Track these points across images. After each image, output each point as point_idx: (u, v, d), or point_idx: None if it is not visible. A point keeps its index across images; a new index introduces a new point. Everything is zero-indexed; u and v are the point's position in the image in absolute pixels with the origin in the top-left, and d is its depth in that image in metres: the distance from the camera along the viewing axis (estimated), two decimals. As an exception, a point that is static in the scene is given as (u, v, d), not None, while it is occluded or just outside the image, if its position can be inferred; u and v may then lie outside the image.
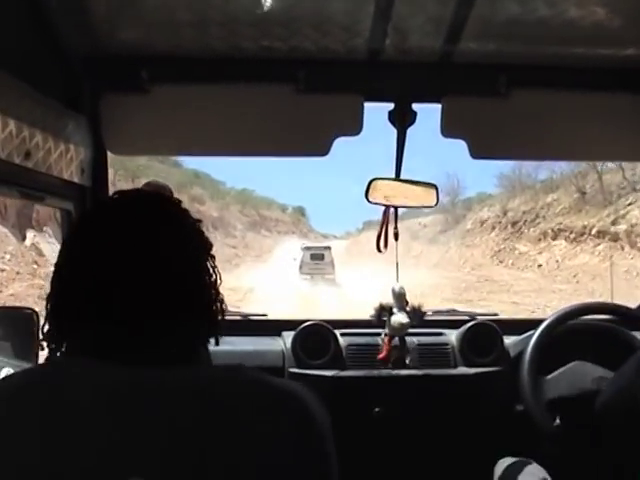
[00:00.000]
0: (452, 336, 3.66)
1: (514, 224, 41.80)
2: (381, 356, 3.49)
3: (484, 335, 3.60)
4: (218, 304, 1.58)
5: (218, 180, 63.53)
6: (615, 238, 31.60)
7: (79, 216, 1.61)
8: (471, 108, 3.46)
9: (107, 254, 1.47)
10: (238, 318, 3.84)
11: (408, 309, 3.51)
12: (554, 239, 36.88)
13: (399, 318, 3.46)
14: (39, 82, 2.67)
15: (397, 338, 3.51)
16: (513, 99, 3.41)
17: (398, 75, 3.38)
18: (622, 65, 3.36)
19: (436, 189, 3.48)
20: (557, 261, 34.80)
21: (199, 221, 1.62)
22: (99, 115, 3.31)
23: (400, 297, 3.51)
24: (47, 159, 2.72)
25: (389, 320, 3.48)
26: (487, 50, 3.30)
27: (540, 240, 37.97)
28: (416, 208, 3.63)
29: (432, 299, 27.27)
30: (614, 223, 32.23)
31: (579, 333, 3.29)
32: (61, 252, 1.55)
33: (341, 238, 72.75)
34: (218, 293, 1.59)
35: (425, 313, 3.59)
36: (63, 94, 3.05)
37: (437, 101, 3.43)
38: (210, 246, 1.60)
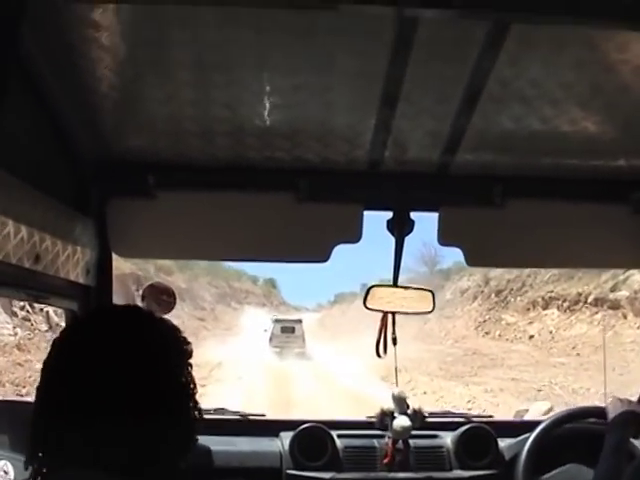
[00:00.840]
0: (447, 438, 3.69)
1: (498, 293, 39.88)
2: (386, 461, 3.52)
3: (479, 438, 3.64)
4: (195, 412, 1.66)
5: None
6: (616, 306, 29.73)
7: (66, 330, 1.70)
8: (467, 218, 3.56)
9: (88, 367, 1.56)
10: (237, 418, 3.88)
11: (409, 412, 3.58)
12: (545, 308, 34.98)
13: (401, 422, 3.52)
14: (49, 187, 2.76)
15: (400, 441, 3.56)
16: (508, 209, 3.51)
17: (397, 185, 3.48)
18: (614, 177, 3.47)
19: (432, 295, 3.58)
20: (550, 332, 33.18)
21: (178, 331, 1.72)
22: (106, 218, 3.40)
23: (401, 401, 3.58)
24: (55, 262, 2.79)
25: (391, 424, 3.53)
26: (483, 162, 3.42)
27: (529, 310, 36.20)
28: (413, 315, 3.69)
29: (417, 374, 26.72)
30: (613, 290, 30.35)
31: (576, 437, 3.32)
32: (47, 361, 1.63)
33: (313, 311, 72.10)
34: (196, 402, 1.67)
35: (426, 416, 3.65)
36: (72, 198, 3.15)
37: (434, 210, 3.53)
38: (190, 354, 1.69)
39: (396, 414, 3.55)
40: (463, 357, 31.94)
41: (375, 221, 3.60)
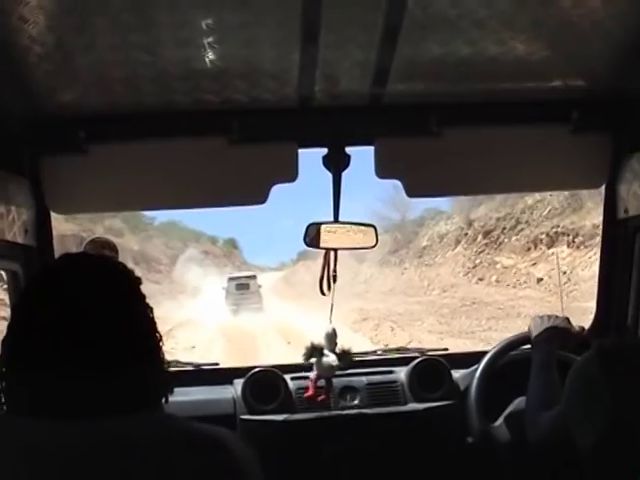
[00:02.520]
0: (401, 373, 3.70)
1: (487, 234, 36.28)
2: (308, 394, 3.54)
3: (432, 370, 3.64)
4: (161, 351, 1.69)
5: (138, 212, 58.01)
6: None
7: (28, 280, 1.72)
8: (404, 149, 3.54)
9: (52, 313, 1.56)
10: (190, 369, 3.89)
11: (337, 351, 3.58)
12: (551, 246, 31.01)
13: (329, 360, 3.54)
14: None
15: (323, 379, 3.57)
16: (445, 137, 3.49)
17: (330, 120, 3.46)
18: (547, 97, 3.46)
19: (375, 229, 3.54)
20: (565, 272, 28.91)
21: (138, 278, 1.75)
22: (40, 176, 3.37)
23: (331, 338, 3.58)
24: None
25: (320, 360, 3.54)
26: (415, 91, 3.38)
27: (530, 249, 32.56)
28: (356, 250, 3.68)
29: (416, 332, 24.40)
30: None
31: (523, 363, 3.31)
32: (12, 315, 1.65)
33: (276, 269, 71.55)
34: (160, 338, 1.69)
35: (353, 356, 3.65)
36: (3, 158, 3.11)
37: (370, 144, 3.50)
38: (144, 296, 1.71)
39: (325, 351, 3.56)
40: (462, 308, 29.02)
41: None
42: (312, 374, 3.57)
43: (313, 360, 3.58)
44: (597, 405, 2.45)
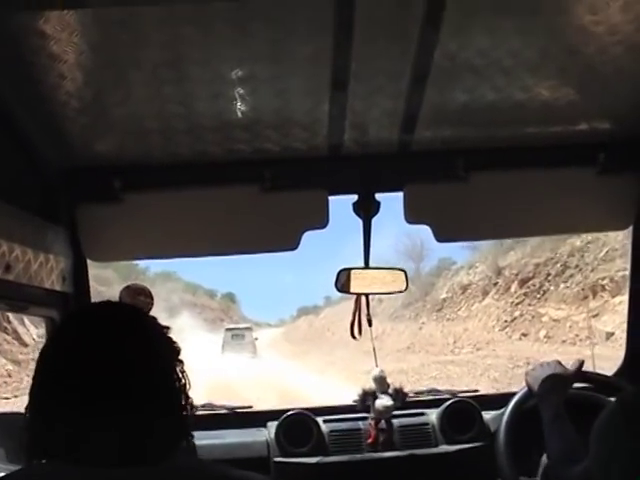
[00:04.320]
0: (433, 415, 3.71)
1: (524, 283, 31.81)
2: (370, 441, 3.55)
3: (463, 412, 3.65)
4: (188, 407, 1.67)
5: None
6: None
7: (57, 327, 1.73)
8: (433, 194, 3.59)
9: (80, 362, 1.57)
10: (224, 412, 3.90)
11: (390, 391, 3.60)
12: (615, 295, 25.74)
13: (383, 402, 3.55)
14: (16, 197, 2.81)
15: (383, 421, 3.58)
16: (473, 182, 3.54)
17: (359, 168, 3.52)
18: (573, 141, 3.51)
19: (405, 274, 3.59)
20: None
21: (167, 328, 1.73)
22: (76, 225, 3.44)
23: (381, 381, 3.60)
24: (28, 270, 2.84)
25: (373, 404, 3.56)
26: (443, 137, 3.45)
27: (586, 298, 27.41)
28: (387, 294, 3.72)
29: None
30: None
31: None
32: (39, 361, 1.64)
33: (275, 326, 70.67)
34: (188, 397, 1.68)
35: (407, 394, 3.68)
36: (40, 207, 3.17)
37: (399, 189, 3.56)
38: (179, 351, 1.71)
39: (378, 394, 3.58)
40: (515, 370, 23.57)
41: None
42: (370, 420, 3.59)
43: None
44: (620, 459, 2.43)
